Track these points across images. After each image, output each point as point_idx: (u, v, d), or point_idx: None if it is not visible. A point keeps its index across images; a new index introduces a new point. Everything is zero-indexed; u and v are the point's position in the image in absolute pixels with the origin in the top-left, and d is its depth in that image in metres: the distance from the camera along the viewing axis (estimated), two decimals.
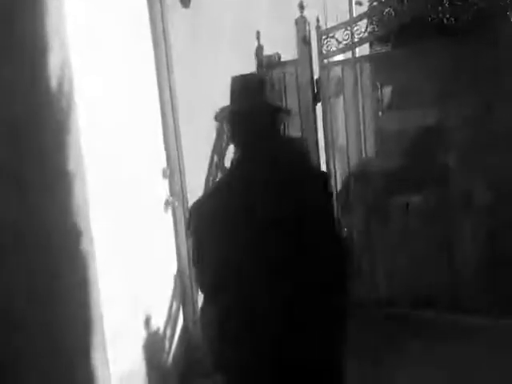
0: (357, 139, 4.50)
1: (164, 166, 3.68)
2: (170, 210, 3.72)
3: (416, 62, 4.19)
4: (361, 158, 4.56)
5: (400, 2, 4.05)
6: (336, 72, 4.51)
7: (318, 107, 4.47)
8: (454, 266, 4.10)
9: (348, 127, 4.48)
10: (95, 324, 2.86)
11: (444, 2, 3.85)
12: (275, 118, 2.19)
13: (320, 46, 4.37)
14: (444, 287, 4.06)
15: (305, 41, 4.37)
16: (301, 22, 4.36)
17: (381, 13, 4.14)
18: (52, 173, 2.66)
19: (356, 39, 4.24)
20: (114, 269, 3.04)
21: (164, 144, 3.71)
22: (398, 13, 4.01)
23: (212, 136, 3.97)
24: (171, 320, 3.71)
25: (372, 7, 5.48)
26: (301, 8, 4.31)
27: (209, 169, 4.00)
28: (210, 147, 4.01)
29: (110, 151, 3.09)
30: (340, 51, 4.38)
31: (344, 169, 4.60)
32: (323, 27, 4.44)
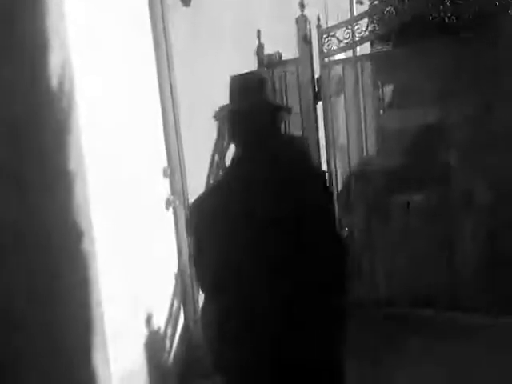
0: (358, 138, 4.50)
1: (165, 166, 3.68)
2: (171, 210, 3.72)
3: (417, 61, 4.18)
4: (362, 157, 4.55)
5: (401, 1, 4.04)
6: (337, 71, 4.51)
7: (319, 106, 4.47)
8: (454, 266, 4.10)
9: (349, 126, 4.48)
10: (96, 323, 2.86)
11: (445, 1, 3.83)
12: (275, 117, 2.17)
13: (321, 45, 4.36)
14: (443, 287, 4.06)
15: (305, 40, 4.37)
16: (301, 21, 4.36)
17: (382, 12, 4.13)
18: (52, 172, 2.67)
19: (357, 38, 4.23)
20: (115, 268, 3.04)
21: (165, 143, 3.71)
22: (399, 12, 4.00)
23: (213, 135, 3.97)
24: (172, 319, 3.71)
25: (373, 6, 5.47)
26: (301, 7, 4.30)
27: (210, 168, 4.00)
28: (211, 146, 4.01)
29: (111, 151, 3.09)
30: (341, 50, 4.37)
31: (345, 168, 4.60)
32: (324, 26, 4.44)
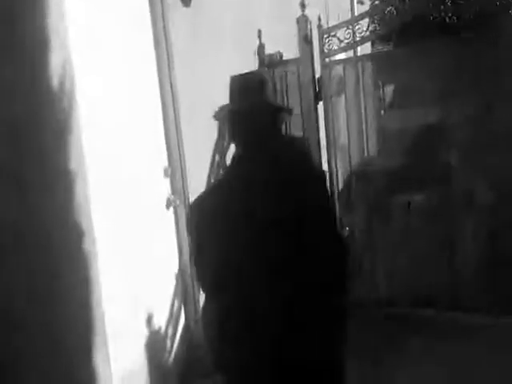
0: (358, 138, 4.50)
1: (165, 165, 3.69)
2: (172, 209, 3.73)
3: (418, 61, 4.18)
4: (362, 157, 4.55)
5: (402, 1, 4.04)
6: (338, 71, 4.51)
7: (320, 106, 4.47)
8: (455, 266, 4.10)
9: (350, 126, 4.48)
10: (96, 323, 2.86)
11: (446, 1, 3.83)
12: (276, 117, 2.17)
13: (322, 45, 4.36)
14: (444, 287, 4.06)
15: (306, 39, 4.37)
16: (302, 21, 4.36)
17: (382, 12, 4.13)
18: (53, 172, 2.67)
19: (358, 38, 4.24)
20: (115, 268, 3.04)
21: (165, 143, 3.71)
22: (400, 11, 4.01)
23: (213, 135, 3.97)
24: (173, 319, 3.71)
25: (374, 6, 5.47)
26: (302, 7, 4.31)
27: (210, 168, 4.00)
28: (212, 146, 4.01)
29: (112, 150, 3.09)
30: (342, 50, 4.37)
31: (346, 168, 4.60)
32: (325, 26, 4.43)
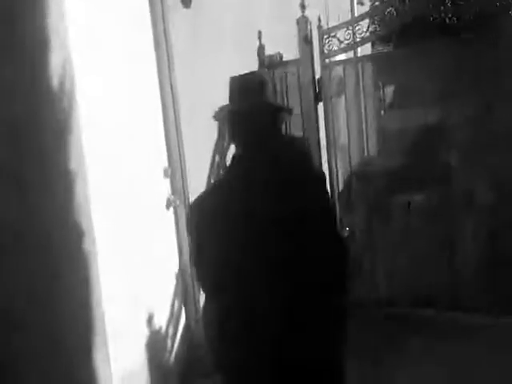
0: (359, 138, 4.50)
1: (165, 166, 3.69)
2: (172, 209, 3.73)
3: (418, 62, 4.18)
4: (363, 158, 4.56)
5: (402, 2, 4.05)
6: (338, 71, 4.52)
7: (320, 107, 4.48)
8: (455, 266, 4.10)
9: (350, 127, 4.48)
10: (96, 323, 2.87)
11: (446, 2, 3.83)
12: (276, 118, 2.17)
13: (322, 46, 4.37)
14: (444, 287, 4.06)
15: (306, 40, 4.37)
16: (302, 22, 4.36)
17: (382, 12, 4.13)
18: (53, 172, 2.67)
19: (358, 39, 4.24)
20: (116, 268, 3.04)
21: (165, 143, 3.71)
22: (400, 12, 4.01)
23: (213, 135, 3.98)
24: (173, 319, 3.71)
25: (374, 7, 5.47)
26: (302, 8, 4.31)
27: (210, 168, 4.01)
28: (212, 146, 4.01)
29: (112, 150, 3.09)
30: (342, 51, 4.38)
31: (346, 168, 4.60)
32: (325, 27, 4.44)
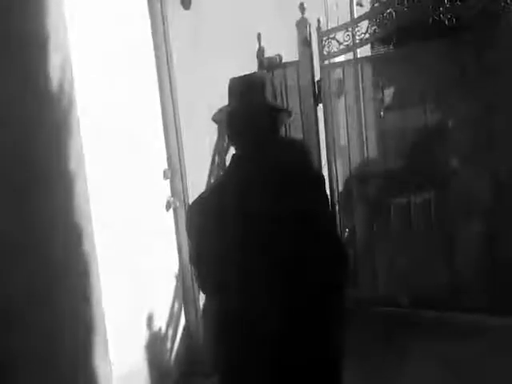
0: (358, 140, 4.51)
1: (165, 167, 3.70)
2: (172, 211, 3.73)
3: (417, 63, 4.18)
4: (362, 159, 4.56)
5: (401, 3, 4.05)
6: (337, 73, 4.53)
7: (320, 108, 4.48)
8: (455, 266, 4.10)
9: (349, 128, 4.49)
10: (96, 323, 2.87)
11: (445, 3, 3.83)
12: (275, 119, 2.16)
13: (321, 48, 4.37)
14: (444, 287, 4.06)
15: (306, 42, 4.38)
16: (302, 24, 4.38)
17: (382, 14, 4.13)
18: (52, 173, 2.68)
19: (357, 40, 4.25)
20: (116, 269, 3.05)
21: (165, 144, 3.72)
22: (399, 14, 4.01)
23: (213, 136, 3.98)
24: (173, 319, 3.71)
25: (373, 8, 5.47)
26: (302, 10, 4.32)
27: (210, 169, 4.01)
28: (211, 148, 4.02)
29: (111, 152, 3.10)
30: (341, 52, 4.38)
31: (345, 170, 4.61)
32: (324, 29, 4.45)
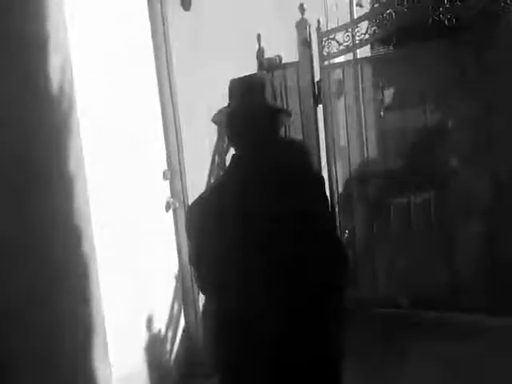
0: (358, 140, 4.51)
1: (165, 168, 3.70)
2: (171, 212, 3.73)
3: (417, 64, 4.18)
4: (362, 159, 4.56)
5: (401, 4, 4.05)
6: (337, 74, 4.53)
7: (319, 109, 4.48)
8: (455, 266, 4.10)
9: (349, 128, 4.49)
10: (96, 325, 2.87)
11: (445, 3, 3.83)
12: (275, 119, 2.16)
13: (321, 48, 4.37)
14: (444, 287, 4.06)
15: (305, 43, 4.38)
16: (301, 25, 4.37)
17: (381, 14, 4.13)
18: (52, 174, 2.68)
19: (357, 41, 4.25)
20: (115, 270, 3.05)
21: (165, 145, 3.72)
22: (399, 14, 4.01)
23: (213, 137, 3.98)
24: (172, 321, 3.71)
25: (373, 9, 5.47)
26: (301, 10, 4.32)
27: (210, 170, 4.01)
28: (211, 148, 4.02)
29: (111, 153, 3.10)
30: (341, 53, 4.38)
31: (345, 170, 4.60)
32: (324, 29, 4.44)
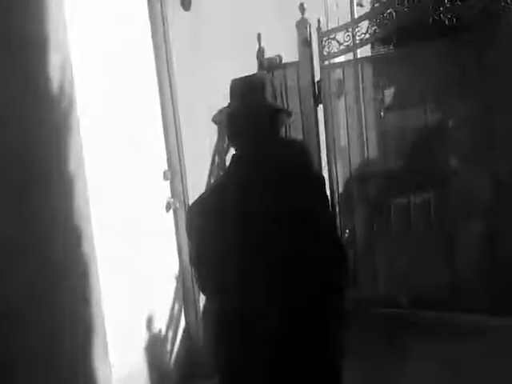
0: (358, 140, 4.51)
1: (165, 168, 3.69)
2: (172, 212, 3.73)
3: (418, 63, 4.18)
4: (362, 159, 4.56)
5: (401, 3, 4.04)
6: (337, 73, 4.52)
7: (320, 109, 4.48)
8: (455, 267, 4.09)
9: (350, 128, 4.49)
10: (96, 325, 2.87)
11: (446, 3, 3.83)
12: (275, 119, 2.16)
13: (321, 48, 4.37)
14: (444, 287, 4.05)
15: (306, 42, 4.38)
16: (302, 24, 4.37)
17: (382, 14, 4.13)
18: (52, 174, 2.68)
19: (357, 41, 4.24)
20: (116, 270, 3.04)
21: (165, 145, 3.72)
22: (399, 14, 4.01)
23: (213, 138, 3.98)
24: (173, 321, 3.71)
25: (373, 8, 5.47)
26: (302, 10, 4.32)
27: (210, 170, 4.01)
28: (211, 149, 4.02)
29: (111, 153, 3.10)
30: (341, 53, 4.38)
31: (345, 170, 4.60)
32: (324, 29, 4.44)
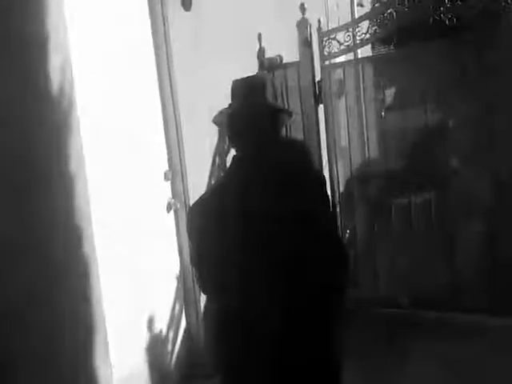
0: (359, 140, 4.51)
1: (166, 169, 3.69)
2: (172, 213, 3.73)
3: (418, 63, 4.18)
4: (363, 159, 4.56)
5: (401, 3, 4.04)
6: (338, 74, 4.52)
7: (320, 109, 4.48)
8: (455, 267, 4.09)
9: (350, 128, 4.49)
10: (97, 325, 2.87)
11: (446, 2, 3.83)
12: (275, 119, 2.17)
13: (322, 48, 4.37)
14: (445, 287, 4.05)
15: (306, 43, 4.38)
16: (302, 25, 4.37)
17: (382, 14, 4.13)
18: (53, 174, 2.68)
19: (358, 41, 4.24)
20: (116, 270, 3.05)
21: (166, 146, 3.72)
22: (400, 14, 4.01)
23: (214, 138, 3.98)
24: (174, 321, 3.71)
25: (374, 8, 5.47)
26: (302, 10, 4.32)
27: (211, 171, 4.01)
28: (212, 149, 4.02)
29: (112, 153, 3.10)
30: (342, 53, 4.38)
31: (346, 170, 4.60)
32: (325, 29, 4.44)
